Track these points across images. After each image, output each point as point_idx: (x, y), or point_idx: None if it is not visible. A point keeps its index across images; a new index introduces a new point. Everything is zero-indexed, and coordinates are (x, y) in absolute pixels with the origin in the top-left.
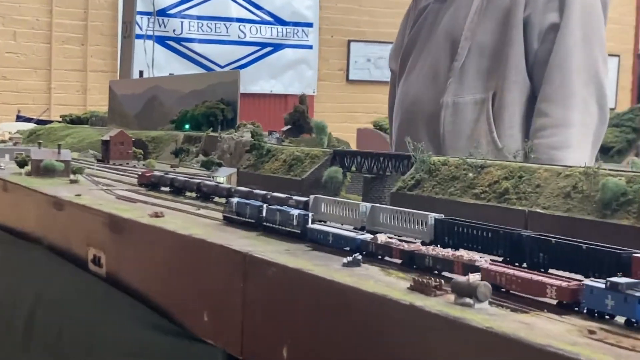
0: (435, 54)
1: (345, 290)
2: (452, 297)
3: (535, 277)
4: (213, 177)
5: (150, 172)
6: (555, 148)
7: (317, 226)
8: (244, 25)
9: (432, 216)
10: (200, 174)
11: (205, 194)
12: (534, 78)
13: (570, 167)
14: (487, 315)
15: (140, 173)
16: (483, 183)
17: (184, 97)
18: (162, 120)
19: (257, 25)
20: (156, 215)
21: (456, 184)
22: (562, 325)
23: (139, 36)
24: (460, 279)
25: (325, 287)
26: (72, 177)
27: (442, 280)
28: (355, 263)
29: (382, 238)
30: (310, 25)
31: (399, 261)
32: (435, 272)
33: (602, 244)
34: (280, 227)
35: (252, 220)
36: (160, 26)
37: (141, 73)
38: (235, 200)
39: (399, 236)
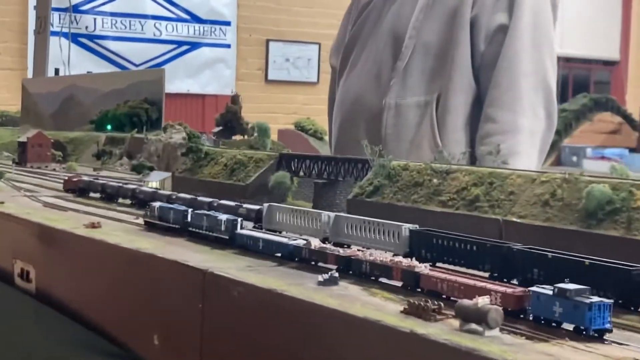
0: (378, 52)
1: (331, 315)
2: (455, 322)
3: (479, 284)
4: (144, 182)
5: (77, 177)
6: (502, 155)
7: (246, 232)
8: (160, 23)
9: (406, 227)
10: (128, 178)
11: (142, 201)
12: (481, 81)
13: (545, 172)
14: (504, 346)
15: (66, 178)
16: (450, 190)
17: (104, 96)
18: (80, 120)
19: (174, 23)
20: (93, 225)
21: (420, 191)
22: (590, 357)
23: (53, 33)
24: (467, 302)
25: (305, 310)
26: None
27: (442, 303)
28: (332, 281)
29: (315, 243)
30: (228, 23)
31: (334, 267)
32: (373, 278)
33: (605, 259)
34: (207, 232)
35: (177, 226)
36: (72, 23)
37: (57, 71)
38: (157, 204)
39: (367, 248)
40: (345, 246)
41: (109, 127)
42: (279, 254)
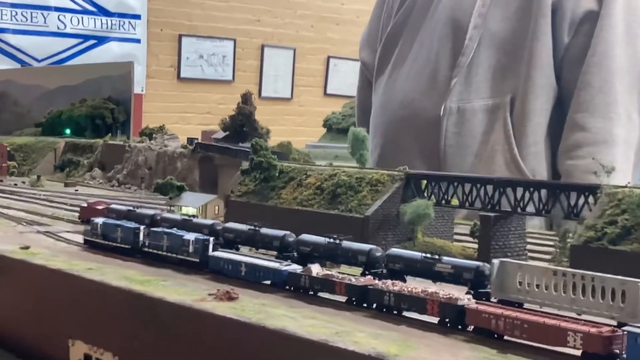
0: (432, 46)
1: None
2: None
3: (550, 321)
4: (171, 207)
5: (100, 203)
6: (594, 172)
7: (220, 254)
8: (64, 15)
9: None
10: (151, 201)
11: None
12: (563, 80)
13: None
14: None
15: (85, 204)
16: None
17: (50, 94)
18: (18, 123)
19: (79, 16)
20: (230, 298)
21: None
22: None
23: None
24: None
25: None
26: None
27: None
28: None
29: (316, 270)
30: (138, 17)
31: (343, 299)
32: (396, 312)
33: None
34: (169, 254)
35: (126, 246)
36: None
37: None
38: (100, 220)
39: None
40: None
41: (67, 131)
42: (268, 282)
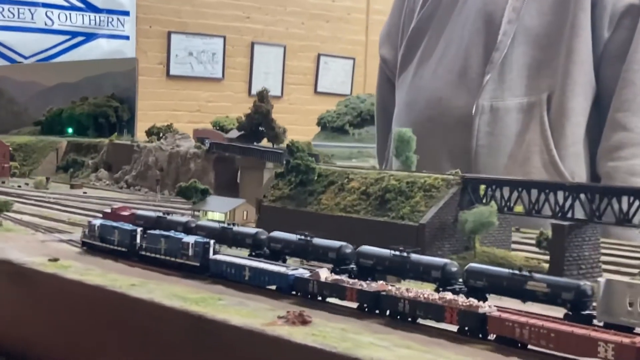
0: (462, 41)
1: None
2: None
3: (579, 331)
4: (194, 212)
5: (125, 209)
6: (637, 174)
7: (222, 257)
8: (52, 12)
9: None
10: (172, 205)
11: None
12: (602, 77)
13: None
14: None
15: (109, 210)
16: None
17: (48, 92)
18: (15, 121)
19: (67, 12)
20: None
21: None
22: None
23: None
24: None
25: None
26: None
27: None
28: None
29: (324, 274)
30: (126, 13)
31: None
32: (410, 319)
33: None
34: (167, 257)
35: (123, 249)
36: None
37: None
38: (98, 222)
39: None
40: None
41: (69, 130)
42: (273, 287)
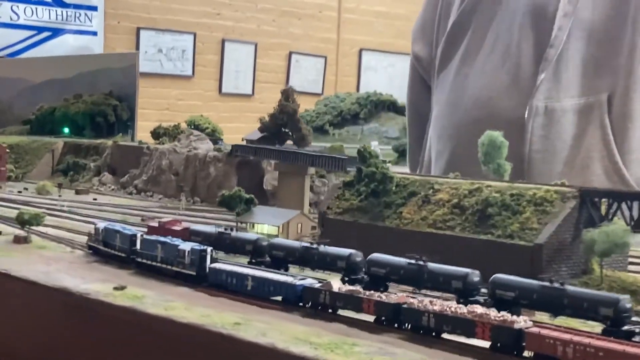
0: (511, 37)
1: None
2: None
3: (631, 349)
4: (238, 224)
5: (175, 223)
6: None
7: (221, 265)
8: (17, 6)
9: None
10: (204, 216)
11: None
12: None
13: None
14: None
15: (155, 224)
16: None
17: (36, 89)
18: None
19: (33, 6)
20: None
21: None
22: None
23: None
24: None
25: None
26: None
27: None
28: None
29: (337, 285)
30: (94, 8)
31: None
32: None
33: None
34: (163, 265)
35: (122, 254)
36: None
37: None
38: (102, 225)
39: None
40: None
41: (66, 130)
42: (279, 297)
